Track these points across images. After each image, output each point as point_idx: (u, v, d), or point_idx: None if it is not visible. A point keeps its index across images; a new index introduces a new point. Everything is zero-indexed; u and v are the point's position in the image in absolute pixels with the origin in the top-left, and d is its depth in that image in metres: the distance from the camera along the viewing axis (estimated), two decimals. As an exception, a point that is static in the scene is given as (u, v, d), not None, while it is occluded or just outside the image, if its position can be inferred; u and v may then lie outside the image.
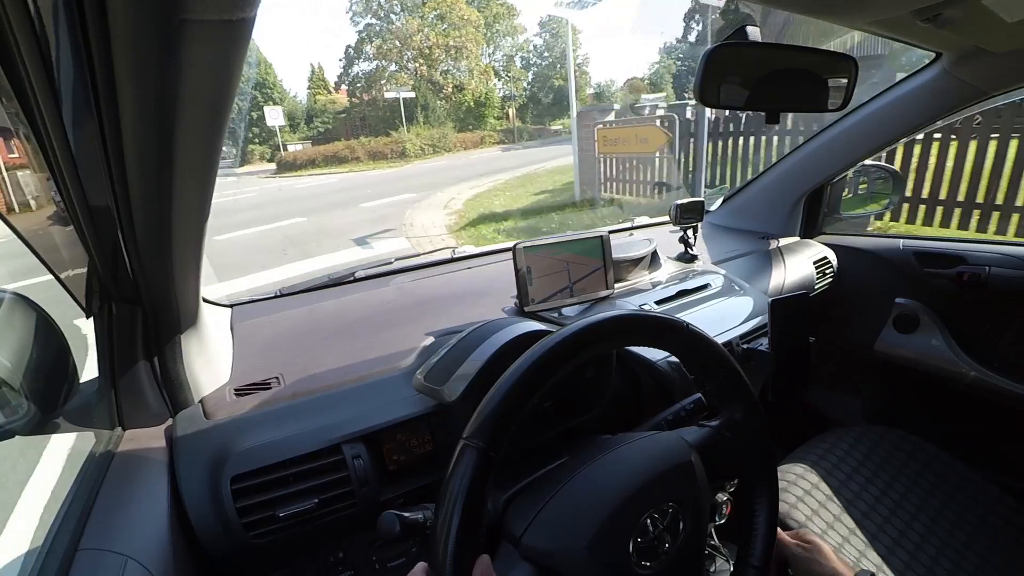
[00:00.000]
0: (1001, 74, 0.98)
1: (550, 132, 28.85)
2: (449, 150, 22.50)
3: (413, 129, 23.17)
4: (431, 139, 22.25)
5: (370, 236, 6.69)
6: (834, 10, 0.74)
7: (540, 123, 31.20)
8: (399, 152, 20.80)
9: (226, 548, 0.63)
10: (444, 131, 23.63)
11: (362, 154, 20.45)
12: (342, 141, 22.52)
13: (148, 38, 0.32)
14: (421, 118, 24.82)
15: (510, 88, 31.05)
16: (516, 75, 31.49)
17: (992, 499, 1.03)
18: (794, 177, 1.47)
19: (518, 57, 31.96)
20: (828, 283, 1.45)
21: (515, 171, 12.81)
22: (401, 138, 21.72)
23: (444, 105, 26.51)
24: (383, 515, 0.50)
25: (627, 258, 1.19)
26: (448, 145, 22.73)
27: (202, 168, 0.47)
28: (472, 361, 0.75)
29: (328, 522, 0.67)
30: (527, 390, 0.44)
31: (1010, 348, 1.23)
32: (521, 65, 32.25)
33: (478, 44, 27.65)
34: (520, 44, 32.04)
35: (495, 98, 29.09)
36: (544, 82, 32.92)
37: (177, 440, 0.68)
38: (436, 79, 26.39)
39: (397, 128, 23.27)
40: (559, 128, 29.17)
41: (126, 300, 0.66)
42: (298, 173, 20.01)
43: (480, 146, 24.43)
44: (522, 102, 32.02)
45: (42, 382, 0.63)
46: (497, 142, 25.63)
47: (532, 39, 33.75)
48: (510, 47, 31.38)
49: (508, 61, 31.07)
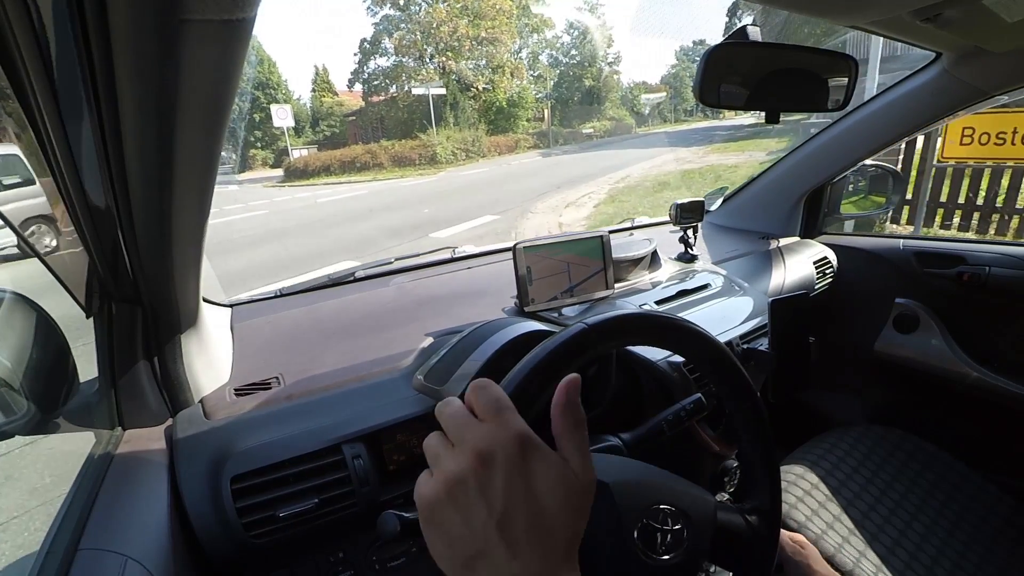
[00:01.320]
0: (1001, 74, 0.98)
1: (582, 136, 27.25)
2: (483, 155, 20.25)
3: (443, 131, 20.71)
4: (463, 142, 19.96)
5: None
6: (834, 10, 0.74)
7: (569, 126, 29.18)
8: (429, 157, 18.55)
9: (226, 548, 0.63)
10: (477, 134, 21.27)
11: (385, 159, 18.45)
12: (361, 145, 20.32)
13: (148, 38, 0.32)
14: (451, 118, 22.10)
15: (539, 87, 28.34)
16: (544, 74, 29.00)
17: (992, 499, 1.03)
18: (794, 177, 1.47)
19: (545, 54, 29.50)
20: (828, 283, 1.45)
21: (594, 180, 10.21)
22: (430, 141, 19.28)
23: (473, 104, 23.72)
24: (383, 515, 0.50)
25: (627, 258, 1.19)
26: (482, 150, 20.46)
27: (202, 168, 0.47)
28: (472, 361, 0.75)
29: (328, 522, 0.67)
30: (550, 373, 0.42)
31: (1010, 348, 1.23)
32: (549, 63, 29.74)
33: (512, 36, 24.98)
34: (549, 40, 29.51)
35: (529, 97, 26.39)
36: (572, 82, 30.56)
37: (177, 440, 0.68)
38: (466, 75, 23.67)
39: (421, 129, 20.83)
40: (590, 132, 27.61)
41: (126, 300, 0.66)
42: (311, 181, 17.70)
43: (515, 151, 22.28)
44: (551, 102, 29.47)
45: (42, 382, 0.63)
46: (532, 146, 23.60)
47: (560, 35, 31.51)
48: (536, 43, 28.75)
49: (533, 59, 28.52)
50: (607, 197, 8.76)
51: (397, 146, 19.25)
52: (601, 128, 28.96)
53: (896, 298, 1.37)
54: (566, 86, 30.53)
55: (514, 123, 25.34)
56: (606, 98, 31.58)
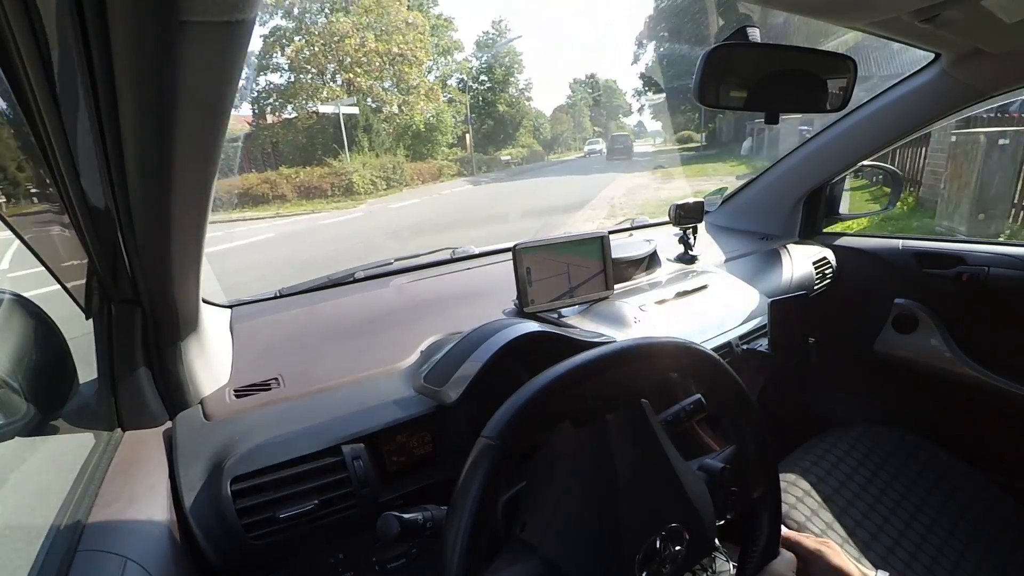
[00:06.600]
0: (1000, 75, 0.98)
1: (501, 163, 25.28)
2: (406, 184, 17.81)
3: (356, 157, 17.44)
4: (383, 169, 17.11)
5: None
6: (834, 10, 0.74)
7: (485, 152, 26.73)
8: (343, 187, 15.43)
9: (226, 549, 0.62)
10: (397, 160, 18.28)
11: (288, 190, 15.04)
12: (256, 173, 16.26)
13: (148, 39, 0.32)
14: (365, 142, 18.49)
15: (456, 112, 25.07)
16: (456, 97, 25.88)
17: (992, 499, 1.03)
18: (794, 178, 1.47)
19: (454, 78, 26.39)
20: (827, 283, 1.45)
21: (573, 215, 8.47)
22: (344, 168, 16.13)
23: (387, 128, 20.29)
24: (383, 516, 0.50)
25: (627, 259, 1.19)
26: (404, 178, 17.88)
27: (201, 168, 0.47)
28: (472, 362, 0.75)
29: (328, 523, 0.67)
30: (557, 394, 0.44)
31: (1010, 348, 1.23)
32: (459, 87, 26.59)
33: (427, 54, 21.97)
34: (459, 63, 26.52)
35: (448, 121, 23.33)
36: (485, 108, 28.67)
37: (177, 441, 0.68)
38: (378, 95, 20.21)
39: (328, 154, 17.34)
40: (508, 159, 26.07)
41: (126, 301, 0.66)
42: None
43: (440, 179, 20.02)
44: (472, 127, 26.25)
45: (42, 383, 0.63)
46: (456, 174, 21.37)
47: (469, 59, 28.79)
48: (446, 65, 25.76)
49: (443, 83, 25.11)
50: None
51: (303, 174, 15.84)
52: (518, 155, 28.02)
53: (895, 298, 1.37)
54: (479, 111, 28.56)
55: (433, 148, 22.58)
56: (520, 124, 30.83)
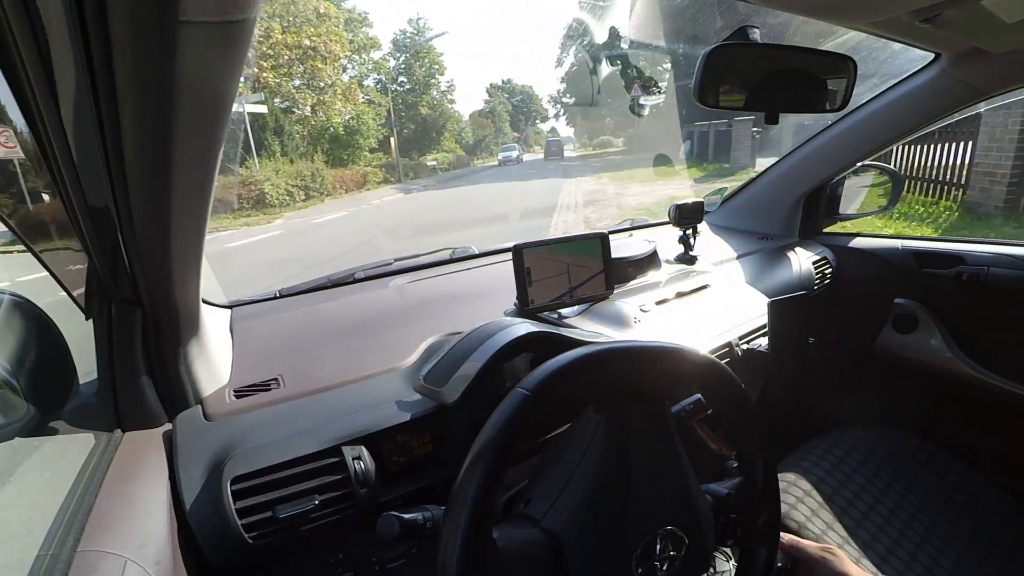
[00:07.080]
0: (1000, 75, 0.99)
1: (427, 168, 24.20)
2: (328, 193, 15.90)
3: (267, 163, 14.95)
4: (299, 177, 14.88)
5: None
6: (834, 10, 0.74)
7: (409, 157, 25.51)
8: (254, 199, 13.05)
9: (226, 549, 0.62)
10: (315, 166, 16.24)
11: None
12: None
13: (148, 39, 0.32)
14: (276, 147, 15.82)
15: (377, 114, 23.28)
16: (376, 99, 24.26)
17: (992, 499, 1.03)
18: (793, 177, 1.47)
19: (372, 78, 24.94)
20: (827, 283, 1.45)
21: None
22: (253, 176, 13.57)
23: (300, 130, 18.20)
24: (383, 516, 0.50)
25: (627, 259, 1.19)
26: (325, 187, 15.86)
27: (201, 168, 0.47)
28: (472, 362, 0.75)
29: (328, 523, 0.67)
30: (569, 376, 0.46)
31: (1010, 348, 1.23)
32: (378, 88, 25.26)
33: (343, 48, 19.76)
34: (377, 62, 25.23)
35: (370, 123, 21.33)
36: (406, 110, 27.37)
37: (177, 442, 0.68)
38: (288, 92, 17.96)
39: (233, 161, 12.63)
40: (434, 164, 25.13)
41: (125, 301, 0.66)
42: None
43: (365, 187, 18.18)
44: (393, 131, 24.36)
45: (42, 383, 0.63)
46: (382, 181, 19.80)
47: (387, 58, 27.61)
48: (362, 64, 24.13)
49: (359, 82, 23.43)
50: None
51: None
52: (445, 160, 27.30)
53: (895, 298, 1.37)
54: (400, 114, 26.89)
55: (355, 153, 20.80)
56: (444, 128, 29.72)
